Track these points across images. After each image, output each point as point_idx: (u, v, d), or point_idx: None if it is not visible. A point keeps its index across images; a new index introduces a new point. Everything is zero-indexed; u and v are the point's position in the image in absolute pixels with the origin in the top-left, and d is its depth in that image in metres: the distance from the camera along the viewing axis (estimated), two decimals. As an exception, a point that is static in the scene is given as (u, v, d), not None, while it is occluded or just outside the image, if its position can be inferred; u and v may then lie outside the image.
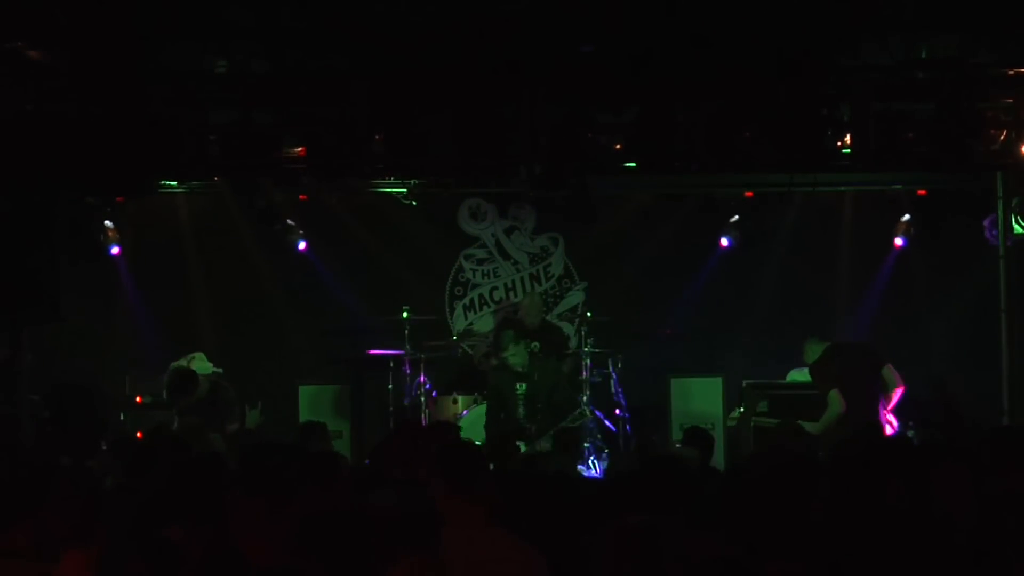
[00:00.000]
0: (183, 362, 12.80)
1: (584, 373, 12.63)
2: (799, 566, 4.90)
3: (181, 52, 10.21)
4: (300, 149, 10.67)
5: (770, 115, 10.20)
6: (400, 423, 12.04)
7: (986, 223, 12.67)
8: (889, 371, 11.37)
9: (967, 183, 12.37)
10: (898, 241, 13.58)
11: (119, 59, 9.92)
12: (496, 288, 14.47)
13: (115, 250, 13.45)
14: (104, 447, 11.56)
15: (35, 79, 10.07)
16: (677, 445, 9.34)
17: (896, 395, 11.37)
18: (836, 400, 10.96)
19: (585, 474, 11.15)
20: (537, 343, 12.86)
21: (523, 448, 11.28)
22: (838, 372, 11.16)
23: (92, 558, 4.94)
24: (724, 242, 13.69)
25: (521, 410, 11.91)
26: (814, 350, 11.48)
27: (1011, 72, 10.23)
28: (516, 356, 11.95)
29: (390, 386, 13.09)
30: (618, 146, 10.66)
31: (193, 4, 9.51)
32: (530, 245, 14.50)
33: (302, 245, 13.77)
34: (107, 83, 10.07)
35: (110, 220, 13.26)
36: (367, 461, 10.08)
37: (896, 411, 11.57)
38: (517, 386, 11.99)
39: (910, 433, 11.51)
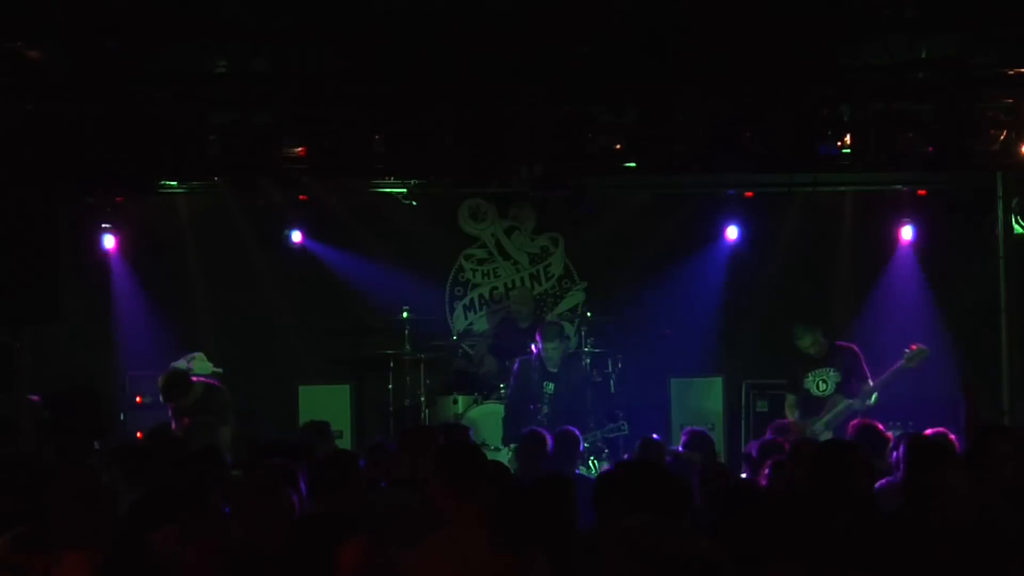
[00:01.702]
0: (183, 362, 12.82)
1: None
2: (799, 568, 4.91)
3: (181, 52, 10.20)
4: (300, 149, 10.68)
5: (770, 115, 10.20)
6: (405, 426, 12.04)
7: (986, 223, 12.68)
8: None
9: (967, 183, 12.37)
10: (907, 235, 13.51)
11: (119, 59, 9.91)
12: (496, 288, 14.46)
13: (111, 246, 13.44)
14: (96, 447, 11.56)
15: (35, 79, 10.06)
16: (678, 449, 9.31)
17: None
18: (875, 398, 11.37)
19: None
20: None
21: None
22: None
23: (92, 559, 4.94)
24: (733, 234, 13.65)
25: (546, 408, 11.81)
26: (818, 337, 11.64)
27: (1011, 72, 10.23)
28: (555, 352, 11.87)
29: (390, 386, 13.09)
30: (618, 146, 10.67)
31: (193, 4, 9.50)
32: (530, 245, 14.50)
33: (297, 239, 13.73)
34: (107, 83, 10.07)
35: (110, 220, 13.26)
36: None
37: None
38: (545, 384, 11.91)
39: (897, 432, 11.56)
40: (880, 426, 8.83)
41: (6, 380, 11.39)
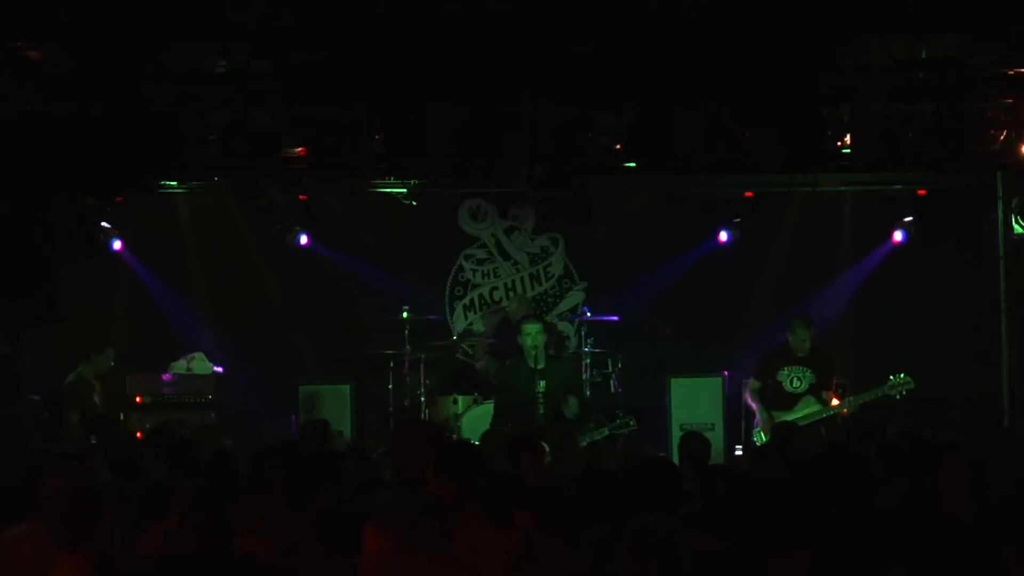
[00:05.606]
0: (183, 362, 12.84)
1: (584, 373, 12.61)
2: (803, 559, 4.90)
3: (181, 52, 10.21)
4: (300, 149, 10.69)
5: (770, 115, 10.20)
6: (401, 423, 11.99)
7: (986, 223, 12.68)
8: None
9: (967, 183, 12.37)
10: (897, 236, 13.53)
11: (119, 59, 9.91)
12: (496, 288, 14.46)
13: (117, 245, 13.44)
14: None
15: (35, 79, 10.07)
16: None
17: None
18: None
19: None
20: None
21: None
22: None
23: (88, 560, 4.93)
24: (723, 236, 13.67)
25: (541, 409, 10.82)
26: (810, 336, 11.63)
27: (1011, 72, 10.24)
28: (532, 337, 10.89)
29: (390, 386, 13.08)
30: (618, 146, 10.67)
31: (193, 4, 9.50)
32: (530, 245, 14.49)
33: (303, 241, 13.75)
34: (107, 83, 10.07)
35: (110, 220, 13.26)
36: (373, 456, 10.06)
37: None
38: (537, 383, 10.88)
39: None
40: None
41: (7, 379, 11.39)
